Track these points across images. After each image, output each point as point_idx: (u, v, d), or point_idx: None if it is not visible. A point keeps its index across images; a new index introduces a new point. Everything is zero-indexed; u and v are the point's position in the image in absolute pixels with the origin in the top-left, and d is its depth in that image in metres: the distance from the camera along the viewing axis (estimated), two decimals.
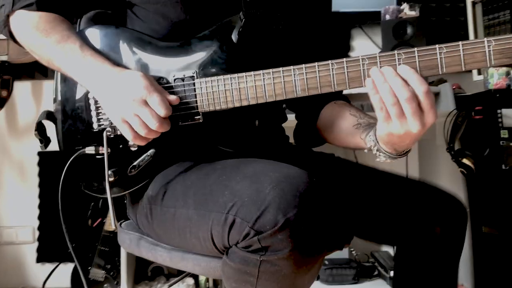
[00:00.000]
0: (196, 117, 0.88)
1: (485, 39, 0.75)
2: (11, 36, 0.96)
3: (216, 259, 0.85)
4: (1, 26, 0.96)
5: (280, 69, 0.83)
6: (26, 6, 0.92)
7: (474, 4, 2.01)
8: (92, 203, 2.14)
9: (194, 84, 0.87)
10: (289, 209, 0.66)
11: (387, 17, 2.00)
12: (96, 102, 0.92)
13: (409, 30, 1.92)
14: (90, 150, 0.93)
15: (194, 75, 0.87)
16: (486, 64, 0.75)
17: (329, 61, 0.80)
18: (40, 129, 0.99)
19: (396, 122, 0.74)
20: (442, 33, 2.23)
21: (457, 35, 2.17)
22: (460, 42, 0.76)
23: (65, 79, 0.96)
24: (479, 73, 2.01)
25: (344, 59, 0.80)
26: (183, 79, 0.88)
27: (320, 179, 0.73)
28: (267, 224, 0.66)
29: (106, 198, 0.87)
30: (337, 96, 1.05)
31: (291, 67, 0.82)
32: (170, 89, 0.88)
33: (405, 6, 1.99)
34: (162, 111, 0.82)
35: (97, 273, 2.01)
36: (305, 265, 0.69)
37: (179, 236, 0.85)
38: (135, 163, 0.91)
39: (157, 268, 1.92)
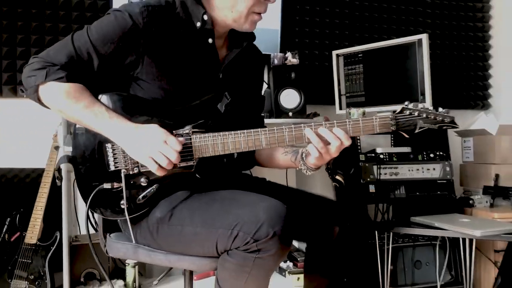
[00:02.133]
0: (190, 162, 1.26)
1: (373, 117, 1.28)
2: (39, 100, 1.24)
3: (207, 258, 1.25)
4: (31, 92, 1.23)
5: (252, 130, 1.26)
6: (58, 79, 1.21)
7: (338, 56, 2.64)
8: (9, 219, 2.28)
9: (190, 138, 1.26)
10: (276, 225, 1.10)
11: (276, 61, 2.53)
12: (113, 149, 1.25)
13: (293, 74, 2.48)
14: (107, 185, 1.25)
15: (190, 132, 1.26)
16: (374, 131, 1.28)
17: (283, 126, 1.26)
18: (59, 170, 1.27)
19: (325, 157, 1.27)
20: (314, 77, 2.86)
21: (324, 78, 2.81)
22: (360, 118, 1.28)
23: (82, 133, 1.27)
24: (340, 108, 2.66)
25: (292, 125, 1.27)
26: (182, 135, 1.26)
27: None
28: (262, 235, 1.09)
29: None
30: None
31: (259, 129, 1.26)
32: None
33: (289, 54, 2.54)
34: (178, 147, 1.19)
35: (19, 284, 2.17)
36: (282, 258, 1.15)
37: (183, 245, 1.23)
38: (144, 194, 1.26)
39: (89, 274, 2.17)
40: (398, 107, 1.31)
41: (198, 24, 1.32)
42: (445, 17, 3.22)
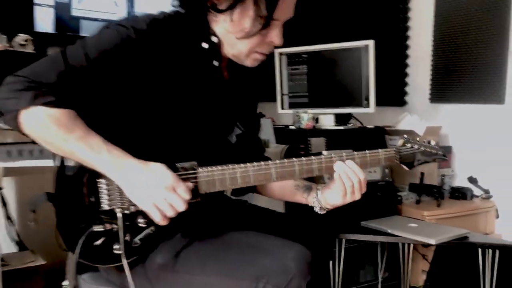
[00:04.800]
0: (193, 200, 1.10)
1: (379, 150, 1.27)
2: (18, 127, 1.01)
3: None
4: (10, 118, 1.00)
5: (262, 163, 1.17)
6: (47, 104, 1.00)
7: (281, 55, 2.59)
8: None
9: (196, 175, 1.12)
10: (307, 276, 1.04)
11: None
12: (107, 186, 1.08)
13: None
14: (98, 228, 1.08)
15: (195, 166, 1.12)
16: (380, 164, 1.27)
17: (294, 159, 1.19)
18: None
19: (349, 196, 1.21)
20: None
21: (267, 76, 2.74)
22: (367, 152, 1.26)
23: (68, 166, 1.07)
24: (282, 107, 2.63)
25: (303, 159, 1.20)
26: (186, 169, 1.12)
27: None
28: None
29: None
30: None
31: (270, 162, 1.17)
32: None
33: None
34: (187, 197, 1.05)
35: None
36: None
37: None
38: (141, 236, 1.11)
39: None
40: (400, 141, 1.36)
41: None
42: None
